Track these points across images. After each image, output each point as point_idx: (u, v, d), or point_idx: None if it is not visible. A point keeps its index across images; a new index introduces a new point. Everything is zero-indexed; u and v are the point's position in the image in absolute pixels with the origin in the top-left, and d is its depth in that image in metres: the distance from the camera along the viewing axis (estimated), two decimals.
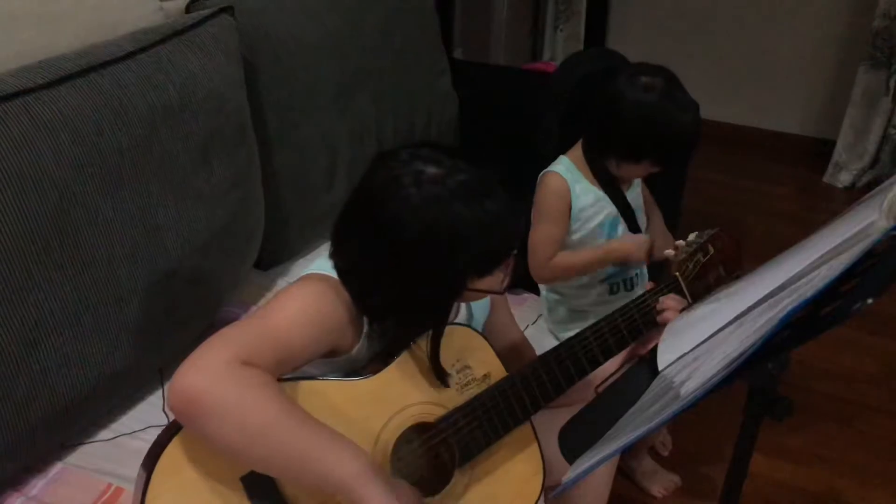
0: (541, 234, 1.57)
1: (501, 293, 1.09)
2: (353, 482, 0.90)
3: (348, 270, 1.02)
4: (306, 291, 1.01)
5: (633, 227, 1.62)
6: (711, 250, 1.33)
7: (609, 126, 1.50)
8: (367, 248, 1.00)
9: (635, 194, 1.65)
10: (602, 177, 1.57)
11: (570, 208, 1.57)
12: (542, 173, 1.59)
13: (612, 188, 1.58)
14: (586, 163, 1.57)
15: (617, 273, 1.64)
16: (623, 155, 1.51)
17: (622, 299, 1.62)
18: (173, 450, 0.92)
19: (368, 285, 1.01)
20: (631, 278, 1.67)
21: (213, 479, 0.93)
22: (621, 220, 1.61)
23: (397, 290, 1.00)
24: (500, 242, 1.01)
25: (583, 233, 1.59)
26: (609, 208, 1.59)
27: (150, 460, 0.92)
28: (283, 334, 0.95)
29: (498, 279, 1.05)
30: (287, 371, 0.96)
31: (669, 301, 1.21)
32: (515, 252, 1.05)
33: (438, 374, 1.07)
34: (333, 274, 1.03)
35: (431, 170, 0.96)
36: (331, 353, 1.04)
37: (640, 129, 1.46)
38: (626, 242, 1.56)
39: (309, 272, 1.05)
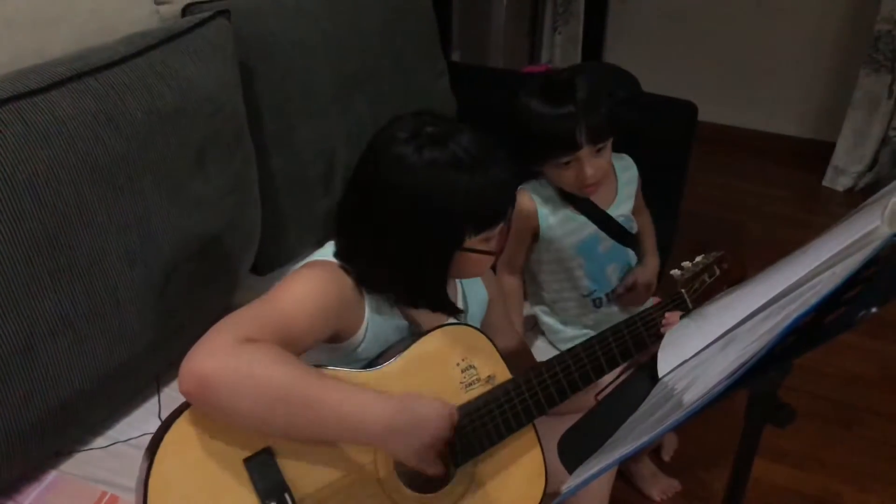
0: None
1: (497, 255, 1.12)
2: (379, 433, 0.94)
3: (351, 244, 1.07)
4: (311, 275, 1.04)
5: (626, 242, 1.57)
6: (717, 272, 1.32)
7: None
8: (367, 211, 1.04)
9: (623, 208, 1.56)
10: (564, 192, 1.50)
11: (537, 228, 1.51)
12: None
13: (583, 203, 1.51)
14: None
15: (597, 290, 1.58)
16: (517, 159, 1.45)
17: (608, 309, 1.61)
18: (176, 433, 0.93)
19: (370, 251, 1.05)
20: (612, 291, 1.60)
21: (216, 460, 0.94)
22: (602, 236, 1.53)
23: (399, 251, 1.04)
24: (495, 201, 1.05)
25: (556, 253, 1.53)
26: (586, 228, 1.52)
27: (152, 445, 0.93)
28: (287, 316, 0.98)
29: (492, 242, 1.09)
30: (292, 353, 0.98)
31: (675, 317, 1.21)
32: (510, 217, 1.08)
33: (450, 310, 1.13)
34: (335, 261, 1.07)
35: (430, 129, 1.01)
36: (334, 339, 1.06)
37: (512, 128, 1.43)
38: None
39: (312, 259, 1.08)
